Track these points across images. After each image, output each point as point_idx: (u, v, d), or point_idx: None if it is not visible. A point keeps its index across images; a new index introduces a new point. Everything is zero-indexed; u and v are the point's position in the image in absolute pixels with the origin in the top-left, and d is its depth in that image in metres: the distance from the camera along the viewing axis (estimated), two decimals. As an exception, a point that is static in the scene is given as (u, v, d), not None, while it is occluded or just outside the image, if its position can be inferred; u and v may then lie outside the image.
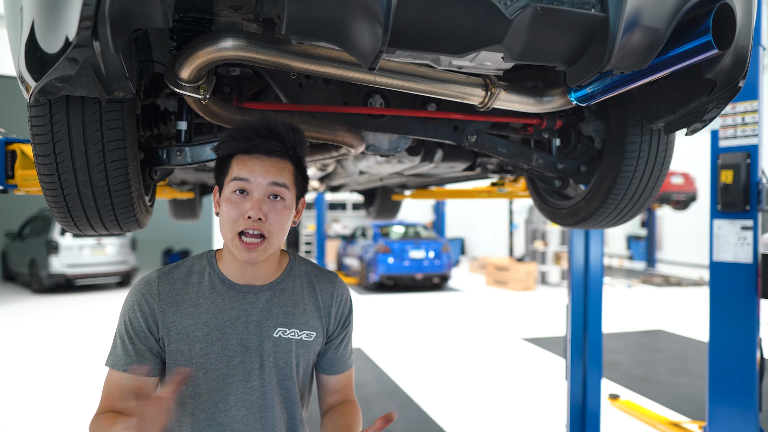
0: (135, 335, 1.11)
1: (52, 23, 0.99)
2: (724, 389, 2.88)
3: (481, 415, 4.31)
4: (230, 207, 1.09)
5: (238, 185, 1.09)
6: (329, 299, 1.24)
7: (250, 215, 1.07)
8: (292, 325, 1.17)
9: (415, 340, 6.86)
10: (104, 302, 9.58)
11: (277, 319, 1.16)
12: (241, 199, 1.09)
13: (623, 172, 1.82)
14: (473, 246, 19.13)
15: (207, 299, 1.14)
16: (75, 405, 4.46)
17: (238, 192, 1.09)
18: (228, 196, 1.10)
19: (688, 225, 15.17)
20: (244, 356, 1.13)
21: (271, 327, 1.15)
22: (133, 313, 1.12)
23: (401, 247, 10.82)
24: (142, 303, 1.12)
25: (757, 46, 2.77)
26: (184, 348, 1.11)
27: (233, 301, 1.14)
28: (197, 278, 1.16)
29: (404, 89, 1.34)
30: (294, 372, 1.18)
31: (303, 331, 1.18)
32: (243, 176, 1.09)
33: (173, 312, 1.12)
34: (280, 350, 1.16)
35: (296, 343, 1.17)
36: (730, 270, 2.87)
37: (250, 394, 1.13)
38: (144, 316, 1.11)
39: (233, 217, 1.08)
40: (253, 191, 1.09)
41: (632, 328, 7.59)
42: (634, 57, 1.16)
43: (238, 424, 1.12)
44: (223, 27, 1.32)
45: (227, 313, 1.13)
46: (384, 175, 2.88)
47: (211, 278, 1.16)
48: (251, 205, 1.08)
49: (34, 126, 1.29)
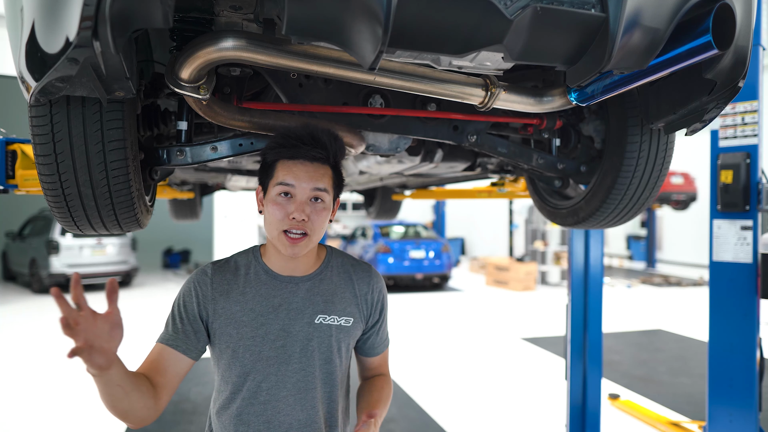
0: (186, 316, 1.22)
1: (52, 23, 0.99)
2: (724, 389, 2.88)
3: (481, 415, 4.31)
4: (276, 208, 1.19)
5: (284, 189, 1.19)
6: (366, 287, 1.34)
7: (295, 216, 1.17)
8: (331, 312, 1.28)
9: (415, 340, 6.86)
10: (104, 302, 9.55)
11: (317, 306, 1.27)
12: (286, 201, 1.19)
13: (623, 172, 1.82)
14: (473, 246, 19.13)
15: (253, 288, 1.24)
16: (75, 405, 4.47)
17: (283, 195, 1.19)
18: (274, 198, 1.20)
19: (688, 225, 15.17)
20: (285, 340, 1.23)
21: (312, 314, 1.26)
22: (189, 296, 1.23)
23: (401, 247, 10.83)
24: (198, 289, 1.23)
25: (757, 46, 2.77)
26: (232, 332, 1.22)
27: (276, 290, 1.25)
28: (244, 270, 1.27)
29: (404, 89, 1.34)
30: (335, 356, 1.28)
31: (342, 317, 1.29)
32: (288, 181, 1.18)
33: (223, 299, 1.23)
34: (322, 335, 1.26)
35: (336, 329, 1.28)
36: (730, 270, 2.87)
37: (291, 376, 1.23)
38: (197, 300, 1.23)
39: (279, 217, 1.19)
40: (296, 194, 1.19)
41: (632, 328, 7.60)
42: (634, 57, 1.16)
43: (279, 404, 1.22)
44: (223, 27, 1.32)
45: (271, 300, 1.24)
46: (384, 175, 2.88)
47: (256, 270, 1.27)
48: (295, 207, 1.18)
49: (35, 126, 1.29)
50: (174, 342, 1.20)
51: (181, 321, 1.22)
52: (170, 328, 1.22)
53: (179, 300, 1.25)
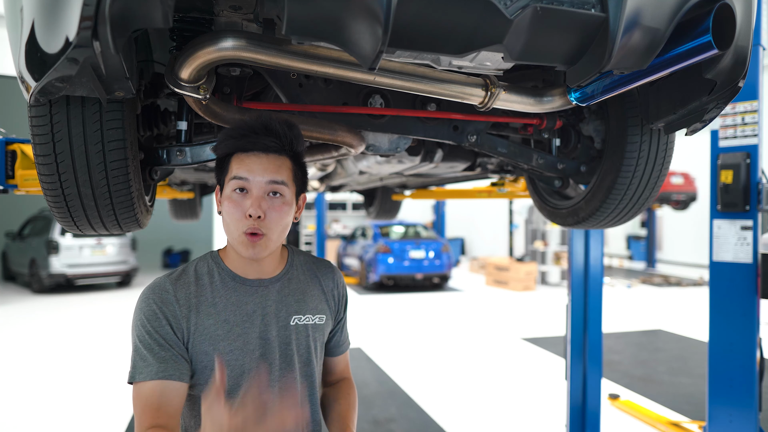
0: (163, 341, 1.08)
1: (52, 23, 0.99)
2: (724, 389, 2.88)
3: (481, 415, 4.31)
4: (232, 206, 1.11)
5: (238, 184, 1.11)
6: (331, 283, 1.31)
7: (250, 213, 1.09)
8: (305, 311, 1.23)
9: (415, 340, 6.86)
10: (104, 302, 9.58)
11: (291, 307, 1.21)
12: (242, 197, 1.11)
13: (623, 172, 1.82)
14: (473, 246, 19.13)
15: (223, 297, 1.15)
16: (75, 405, 4.47)
17: (238, 190, 1.12)
18: (229, 194, 1.12)
19: (688, 225, 15.17)
20: (264, 348, 1.16)
21: (287, 316, 1.20)
22: (156, 321, 1.09)
23: (401, 247, 10.82)
24: (164, 310, 1.10)
25: (757, 46, 2.77)
26: (208, 348, 1.11)
27: (247, 296, 1.17)
28: (208, 279, 1.17)
29: (404, 89, 1.34)
30: (313, 356, 1.23)
31: (315, 316, 1.24)
32: (242, 175, 1.11)
33: (194, 315, 1.12)
34: (300, 336, 1.21)
35: (312, 328, 1.23)
36: (730, 270, 2.87)
37: (273, 384, 1.16)
38: (168, 322, 1.09)
39: (236, 216, 1.11)
40: (252, 189, 1.11)
41: (632, 328, 7.59)
42: (634, 57, 1.16)
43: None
44: (223, 27, 1.32)
45: (243, 308, 1.16)
46: (384, 175, 2.88)
47: (221, 276, 1.17)
48: (251, 202, 1.10)
49: (35, 126, 1.29)
50: (166, 372, 1.05)
51: (161, 347, 1.07)
52: (151, 360, 1.06)
53: (144, 329, 1.08)
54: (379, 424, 4.08)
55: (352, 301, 8.37)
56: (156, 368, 1.06)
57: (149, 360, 1.07)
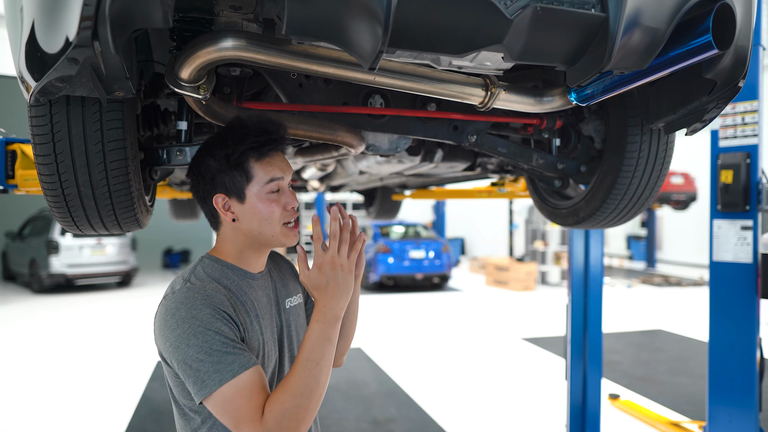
0: (235, 338, 1.04)
1: (52, 23, 0.99)
2: (724, 389, 2.88)
3: (481, 415, 4.31)
4: (273, 204, 1.16)
5: (277, 185, 1.17)
6: (284, 263, 1.39)
7: (293, 206, 1.17)
8: (291, 293, 1.31)
9: (415, 340, 6.86)
10: (104, 302, 9.58)
11: (281, 292, 1.28)
12: (278, 195, 1.18)
13: (623, 172, 1.82)
14: (473, 246, 19.13)
15: (245, 294, 1.17)
16: (75, 405, 4.47)
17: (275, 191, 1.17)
18: (266, 196, 1.15)
19: (688, 225, 15.17)
20: (280, 334, 1.23)
21: (282, 300, 1.27)
22: (219, 322, 1.03)
23: (401, 247, 10.82)
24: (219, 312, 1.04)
25: (757, 46, 2.77)
26: (255, 345, 1.12)
27: (259, 290, 1.22)
28: (226, 280, 1.15)
29: (404, 89, 1.34)
30: (303, 333, 1.30)
31: (297, 295, 1.34)
32: (277, 175, 1.16)
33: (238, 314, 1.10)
34: (296, 317, 1.29)
35: (299, 307, 1.32)
36: (730, 270, 2.87)
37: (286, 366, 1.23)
38: (226, 321, 1.05)
39: (278, 213, 1.16)
40: (284, 186, 1.18)
41: (632, 328, 7.59)
42: (634, 57, 1.16)
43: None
44: (223, 27, 1.32)
45: (261, 300, 1.21)
46: (384, 175, 2.88)
47: (236, 275, 1.18)
48: (290, 197, 1.18)
49: (35, 126, 1.29)
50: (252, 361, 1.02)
51: (234, 343, 1.02)
52: (234, 356, 1.00)
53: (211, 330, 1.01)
54: (379, 424, 4.08)
55: (352, 301, 8.33)
56: (243, 358, 1.01)
57: (230, 357, 1.00)
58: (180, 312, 1.03)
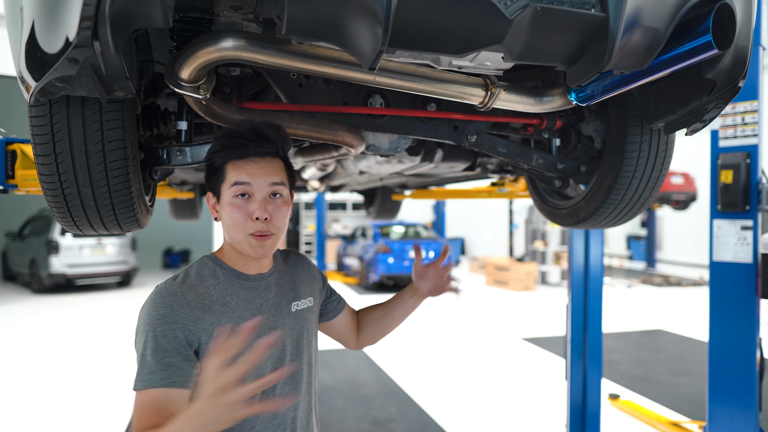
0: (171, 346, 1.05)
1: (52, 23, 0.99)
2: (724, 389, 2.88)
3: (481, 415, 4.31)
4: (236, 210, 1.15)
5: (241, 189, 1.14)
6: (303, 266, 1.40)
7: (258, 216, 1.13)
8: (300, 297, 1.31)
9: (415, 340, 6.86)
10: (104, 302, 9.58)
11: (288, 295, 1.28)
12: (245, 201, 1.15)
13: (623, 172, 1.82)
14: (473, 246, 19.13)
15: (233, 295, 1.17)
16: (75, 405, 4.47)
17: (240, 196, 1.15)
18: (231, 200, 1.15)
19: (688, 225, 15.17)
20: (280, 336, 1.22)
21: (288, 304, 1.27)
22: (166, 326, 1.06)
23: (401, 247, 10.82)
24: (174, 313, 1.08)
25: (757, 46, 2.77)
26: None
27: (252, 291, 1.21)
28: (213, 279, 1.17)
29: (404, 89, 1.34)
30: (313, 337, 1.32)
31: (307, 299, 1.33)
32: (243, 180, 1.14)
33: (207, 315, 1.11)
34: (302, 321, 1.29)
35: (308, 311, 1.32)
36: (730, 270, 2.87)
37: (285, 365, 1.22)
38: (180, 325, 1.07)
39: (241, 220, 1.14)
40: (254, 193, 1.15)
41: (632, 328, 7.60)
42: (634, 57, 1.16)
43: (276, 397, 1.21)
44: (223, 27, 1.32)
45: (252, 303, 1.20)
46: (384, 175, 2.88)
47: (226, 275, 1.19)
48: (257, 206, 1.14)
49: (35, 126, 1.29)
50: (170, 380, 1.03)
51: (166, 353, 1.04)
52: (155, 367, 1.03)
53: (153, 333, 1.06)
54: (379, 424, 4.08)
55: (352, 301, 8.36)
56: (159, 376, 1.03)
57: (153, 367, 1.03)
58: (144, 307, 1.11)
